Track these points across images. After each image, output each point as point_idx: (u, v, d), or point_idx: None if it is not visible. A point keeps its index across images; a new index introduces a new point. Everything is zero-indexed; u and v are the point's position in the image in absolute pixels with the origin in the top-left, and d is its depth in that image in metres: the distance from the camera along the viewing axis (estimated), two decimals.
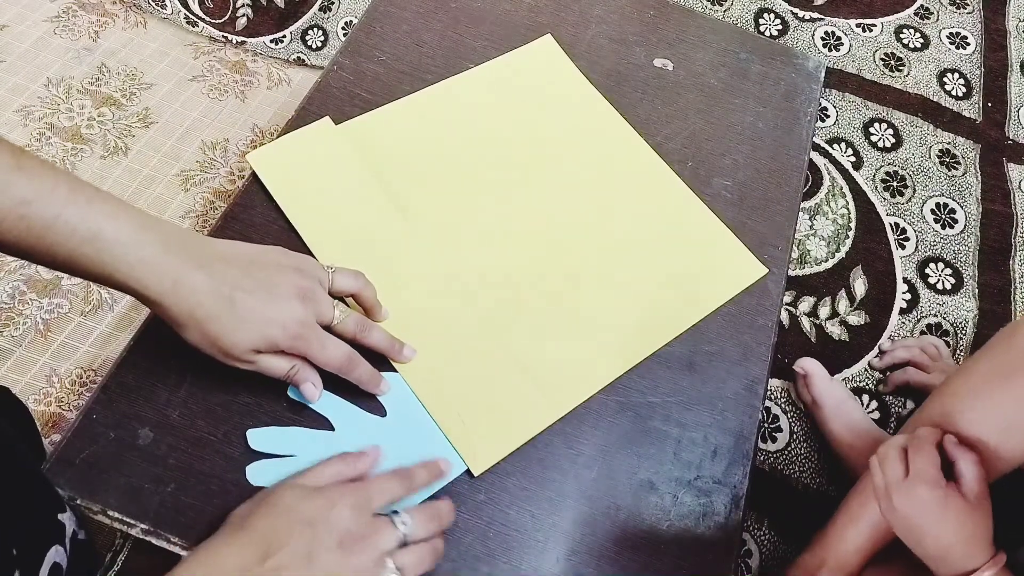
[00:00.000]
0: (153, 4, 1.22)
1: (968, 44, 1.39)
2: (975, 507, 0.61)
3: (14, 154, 0.49)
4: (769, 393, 0.96)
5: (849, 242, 1.13)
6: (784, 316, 1.04)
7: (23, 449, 0.52)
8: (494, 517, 0.62)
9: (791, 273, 1.09)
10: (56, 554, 0.51)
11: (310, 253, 0.69)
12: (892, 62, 1.34)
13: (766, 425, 0.96)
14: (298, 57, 1.22)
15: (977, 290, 1.12)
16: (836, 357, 1.03)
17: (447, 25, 0.89)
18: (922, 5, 1.43)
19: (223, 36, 1.22)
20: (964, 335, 1.08)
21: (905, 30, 1.39)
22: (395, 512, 0.55)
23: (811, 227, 1.13)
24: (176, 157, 1.09)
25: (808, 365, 0.99)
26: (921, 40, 1.38)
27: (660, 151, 0.83)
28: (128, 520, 0.57)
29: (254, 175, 0.74)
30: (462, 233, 0.74)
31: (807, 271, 1.09)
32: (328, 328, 0.59)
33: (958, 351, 1.07)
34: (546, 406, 0.66)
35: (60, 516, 0.54)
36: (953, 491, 0.61)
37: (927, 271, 1.13)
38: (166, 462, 0.60)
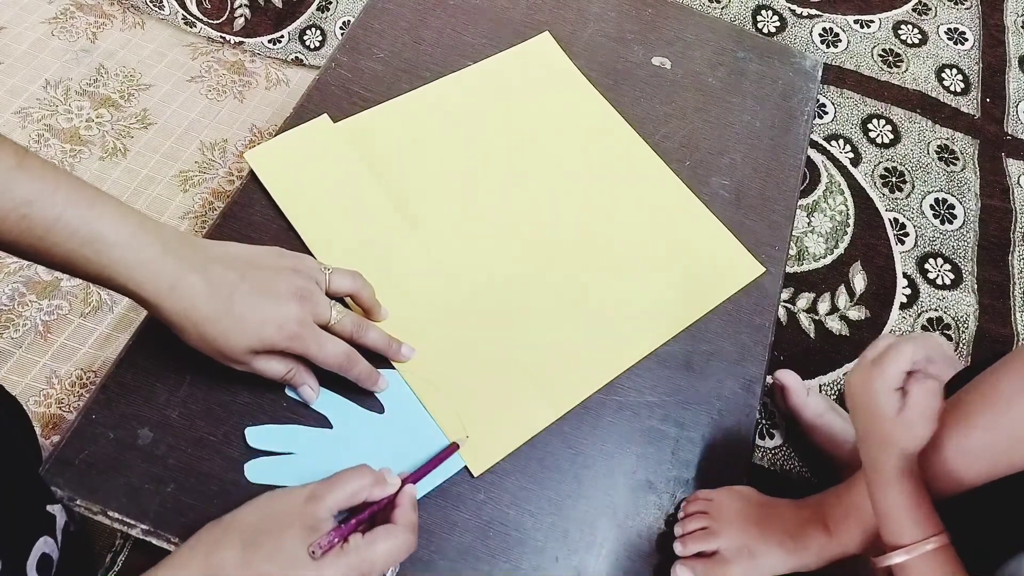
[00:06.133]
0: (151, 5, 1.22)
1: (966, 40, 1.39)
2: (902, 425, 0.53)
3: (16, 154, 0.49)
4: (767, 388, 0.96)
5: (848, 238, 1.13)
6: (781, 313, 1.04)
7: None
8: (494, 517, 0.62)
9: (789, 270, 1.09)
10: (45, 545, 0.51)
11: (308, 252, 0.69)
12: (890, 58, 1.34)
13: (765, 422, 0.96)
14: (296, 57, 1.22)
15: (976, 285, 1.12)
16: (836, 352, 1.03)
17: (445, 22, 0.89)
18: (920, 1, 1.43)
19: (221, 36, 1.22)
20: (966, 329, 1.08)
21: (903, 26, 1.39)
22: None
23: (809, 224, 1.13)
24: (175, 158, 1.09)
25: (785, 378, 0.94)
26: (919, 36, 1.38)
27: (658, 150, 0.83)
28: (128, 521, 0.58)
29: (252, 174, 0.74)
30: (460, 232, 0.74)
31: (805, 267, 1.09)
32: (326, 328, 0.59)
33: (960, 345, 1.07)
34: (545, 406, 0.66)
35: (49, 507, 0.54)
36: (898, 397, 0.54)
37: (926, 266, 1.13)
38: (166, 462, 0.60)
